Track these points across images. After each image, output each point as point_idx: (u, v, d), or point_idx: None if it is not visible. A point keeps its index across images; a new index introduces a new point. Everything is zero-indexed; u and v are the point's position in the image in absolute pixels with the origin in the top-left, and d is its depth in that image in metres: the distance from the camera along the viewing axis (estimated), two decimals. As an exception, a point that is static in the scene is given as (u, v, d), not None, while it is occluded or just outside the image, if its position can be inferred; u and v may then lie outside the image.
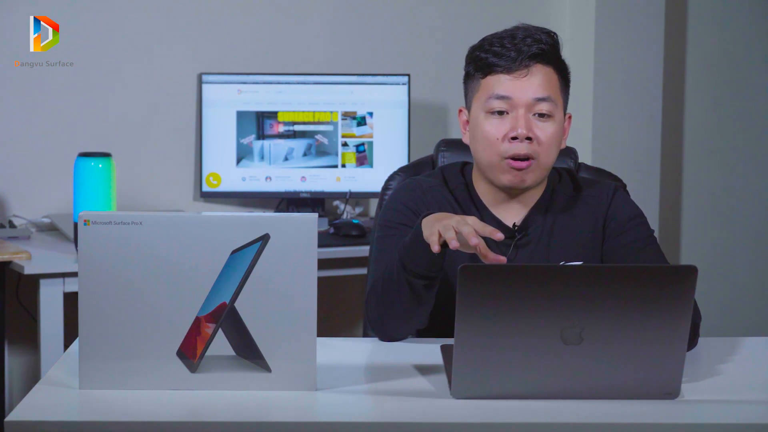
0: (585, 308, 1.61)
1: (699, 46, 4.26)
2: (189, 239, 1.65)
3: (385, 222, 2.11)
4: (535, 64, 2.04)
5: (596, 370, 1.64)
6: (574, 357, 1.63)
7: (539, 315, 1.61)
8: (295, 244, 1.65)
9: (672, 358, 1.65)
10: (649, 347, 1.63)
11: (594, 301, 1.61)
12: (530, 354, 1.63)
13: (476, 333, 1.62)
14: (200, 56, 3.59)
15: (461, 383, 1.65)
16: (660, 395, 1.67)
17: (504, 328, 1.61)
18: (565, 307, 1.61)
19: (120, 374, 1.67)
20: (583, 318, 1.61)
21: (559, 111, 2.06)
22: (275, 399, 1.65)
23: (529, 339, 1.62)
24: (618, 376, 1.65)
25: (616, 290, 1.61)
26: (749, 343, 2.04)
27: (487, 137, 2.04)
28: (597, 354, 1.63)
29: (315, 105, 3.57)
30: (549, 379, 1.64)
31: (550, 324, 1.61)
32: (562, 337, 1.62)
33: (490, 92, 2.04)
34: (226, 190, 3.55)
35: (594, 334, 1.62)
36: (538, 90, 2.03)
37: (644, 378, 1.65)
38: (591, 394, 1.66)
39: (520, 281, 1.60)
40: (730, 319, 4.36)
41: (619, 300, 1.61)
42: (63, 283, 2.98)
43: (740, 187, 4.38)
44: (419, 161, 2.44)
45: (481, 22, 3.81)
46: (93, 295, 1.66)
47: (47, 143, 3.45)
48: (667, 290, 1.61)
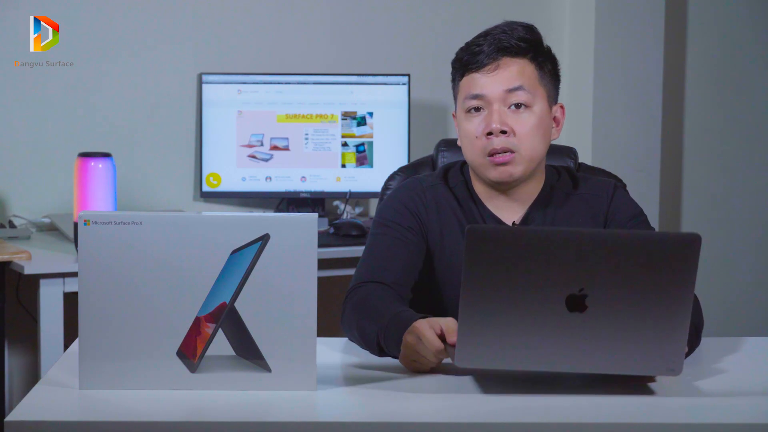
0: (590, 273, 1.62)
1: (699, 46, 4.26)
2: (189, 239, 1.65)
3: (381, 219, 2.11)
4: (502, 57, 2.04)
5: (600, 339, 1.64)
6: (579, 325, 1.63)
7: (545, 279, 1.62)
8: (295, 244, 1.65)
9: (675, 332, 1.65)
10: (652, 317, 1.64)
11: (599, 265, 1.62)
12: (535, 320, 1.63)
13: (482, 296, 1.62)
14: (200, 56, 3.59)
15: (466, 350, 1.65)
16: (663, 371, 1.67)
17: (509, 291, 1.62)
18: (571, 271, 1.61)
19: (120, 374, 1.67)
20: (588, 283, 1.62)
21: (538, 101, 2.05)
22: (275, 399, 1.65)
23: (534, 304, 1.62)
24: (621, 346, 1.65)
25: (621, 255, 1.62)
26: (749, 343, 2.04)
27: (468, 136, 2.06)
28: (601, 322, 1.63)
29: (315, 105, 3.57)
30: (553, 347, 1.64)
31: (555, 289, 1.62)
32: (566, 304, 1.63)
33: (466, 92, 2.06)
34: (226, 190, 3.55)
35: (598, 301, 1.62)
36: (508, 81, 2.03)
37: (647, 350, 1.65)
38: (594, 365, 1.66)
39: (527, 243, 1.61)
40: (730, 319, 4.36)
41: (624, 265, 1.62)
42: (63, 283, 2.98)
43: (740, 187, 4.38)
44: (419, 161, 2.44)
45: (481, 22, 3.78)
46: (93, 295, 1.66)
47: (47, 143, 3.45)
48: (670, 257, 1.62)
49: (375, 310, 1.91)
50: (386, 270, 2.03)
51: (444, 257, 2.09)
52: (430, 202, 2.10)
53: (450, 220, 2.09)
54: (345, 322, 1.98)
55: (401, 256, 2.05)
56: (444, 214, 2.10)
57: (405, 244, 2.06)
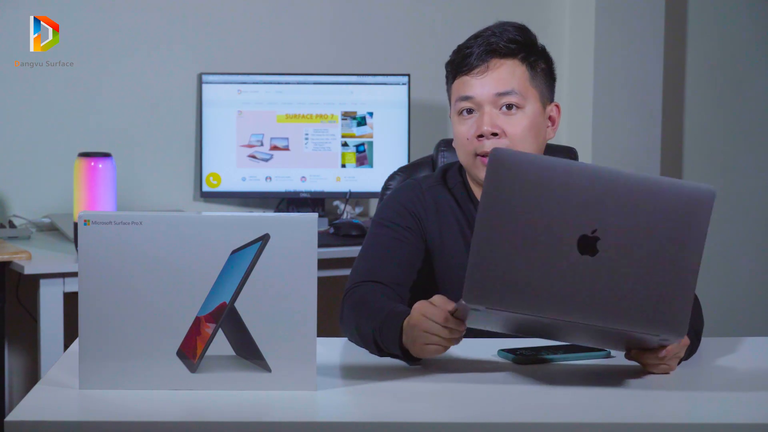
0: (605, 213, 1.63)
1: (699, 46, 4.26)
2: (189, 239, 1.65)
3: (380, 219, 2.11)
4: (491, 59, 2.04)
5: (608, 287, 1.64)
6: (588, 269, 1.63)
7: (560, 214, 1.62)
8: (295, 244, 1.65)
9: (681, 289, 1.65)
10: (661, 269, 1.64)
11: (614, 205, 1.63)
12: (545, 259, 1.63)
13: (496, 226, 1.62)
14: (200, 56, 3.59)
15: (474, 286, 1.63)
16: (667, 330, 1.66)
17: (524, 224, 1.62)
18: (586, 208, 1.62)
19: (120, 374, 1.67)
20: (601, 224, 1.62)
21: (530, 102, 2.05)
22: (275, 399, 1.65)
23: (547, 241, 1.62)
24: (628, 297, 1.64)
25: (636, 198, 1.63)
26: (749, 343, 2.04)
27: (459, 138, 2.06)
28: (610, 269, 1.63)
29: (315, 105, 3.57)
30: (561, 292, 1.63)
31: (569, 228, 1.62)
32: (578, 246, 1.63)
33: (457, 94, 2.07)
34: (226, 190, 3.55)
35: (609, 245, 1.63)
36: (498, 85, 2.03)
37: (653, 305, 1.65)
38: (600, 316, 1.65)
39: (547, 173, 1.63)
40: (730, 319, 4.36)
41: (638, 209, 1.63)
42: (63, 283, 2.98)
43: (740, 187, 4.38)
44: (419, 161, 2.44)
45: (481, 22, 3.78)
46: (93, 295, 1.66)
47: (47, 143, 3.45)
48: (683, 208, 1.63)
49: (372, 308, 1.90)
50: (384, 269, 2.03)
51: (443, 257, 2.09)
52: (429, 203, 2.10)
53: (449, 221, 2.09)
54: (344, 322, 1.98)
55: (399, 256, 2.05)
56: (443, 215, 2.10)
57: (403, 244, 2.06)
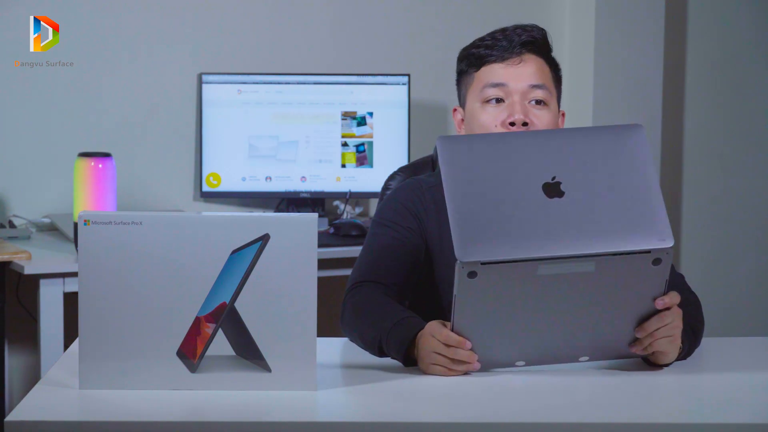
0: (559, 163, 1.70)
1: (699, 46, 4.26)
2: (189, 239, 1.65)
3: (381, 219, 2.11)
4: (526, 52, 2.05)
5: (586, 219, 1.69)
6: (562, 208, 1.69)
7: (517, 172, 1.70)
8: (295, 244, 1.65)
9: (650, 198, 1.70)
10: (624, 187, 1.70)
11: (561, 155, 1.71)
12: (520, 208, 1.68)
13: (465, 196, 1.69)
14: (200, 56, 3.59)
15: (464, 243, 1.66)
16: (655, 241, 1.68)
17: (489, 187, 1.69)
18: (541, 163, 1.70)
19: (120, 374, 1.67)
20: (558, 172, 1.70)
21: (553, 101, 2.07)
22: (275, 399, 1.65)
23: (516, 194, 1.69)
24: (606, 221, 1.69)
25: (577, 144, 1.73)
26: (749, 343, 2.04)
27: (484, 126, 2.04)
28: (581, 203, 1.69)
29: (315, 105, 3.57)
30: (545, 230, 1.67)
31: (530, 180, 1.69)
32: (545, 191, 1.68)
33: (485, 81, 2.05)
34: (226, 190, 3.55)
35: (572, 185, 1.69)
36: (533, 77, 2.04)
37: (631, 220, 1.69)
38: (588, 243, 1.67)
39: (494, 145, 1.72)
40: (730, 319, 4.36)
41: (583, 152, 1.72)
42: (63, 283, 2.98)
43: (740, 187, 4.38)
44: (419, 161, 2.44)
45: (481, 22, 3.80)
46: (93, 295, 1.66)
47: (47, 143, 3.45)
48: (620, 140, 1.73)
49: (377, 312, 1.90)
50: (385, 270, 2.02)
51: (443, 258, 2.08)
52: (430, 203, 2.10)
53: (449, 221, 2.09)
54: (345, 323, 1.98)
55: (400, 256, 2.05)
56: (443, 215, 2.09)
57: (404, 244, 2.06)
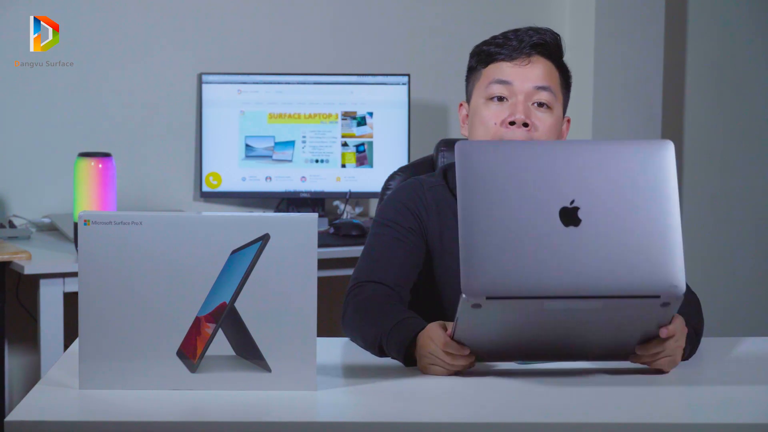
0: (578, 183, 1.66)
1: (699, 46, 4.26)
2: (189, 239, 1.65)
3: (381, 219, 2.10)
4: (535, 54, 2.05)
5: (599, 254, 1.65)
6: (576, 240, 1.64)
7: (536, 190, 1.65)
8: (295, 244, 1.65)
9: (669, 243, 1.66)
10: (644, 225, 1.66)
11: (584, 175, 1.66)
12: (533, 238, 1.64)
13: (478, 217, 1.64)
14: (200, 56, 3.59)
15: (471, 280, 1.64)
16: (666, 287, 1.65)
17: (504, 207, 1.64)
18: (559, 181, 1.65)
19: (120, 374, 1.67)
20: (578, 194, 1.65)
21: (558, 106, 2.06)
22: (275, 399, 1.65)
23: (530, 220, 1.64)
24: (620, 262, 1.65)
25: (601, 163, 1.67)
26: (749, 343, 2.04)
27: (484, 122, 2.04)
28: (597, 235, 1.65)
29: (315, 105, 3.57)
30: (555, 266, 1.64)
31: (548, 201, 1.65)
32: (561, 218, 1.64)
33: (491, 78, 2.05)
34: (226, 190, 3.55)
35: (591, 212, 1.65)
36: (539, 79, 2.04)
37: (645, 263, 1.65)
38: (596, 286, 1.65)
39: (513, 154, 1.67)
40: (730, 319, 4.36)
41: (606, 173, 1.67)
42: (63, 283, 2.98)
43: (740, 187, 4.38)
44: (419, 161, 2.44)
45: (481, 22, 3.81)
46: (93, 295, 1.66)
47: (47, 143, 3.45)
48: (647, 162, 1.69)
49: (378, 313, 1.90)
50: (386, 270, 2.02)
51: (443, 259, 2.08)
52: (431, 203, 2.10)
53: (449, 222, 2.08)
54: (346, 323, 1.98)
55: (401, 257, 2.04)
56: (444, 215, 2.09)
57: (405, 245, 2.06)
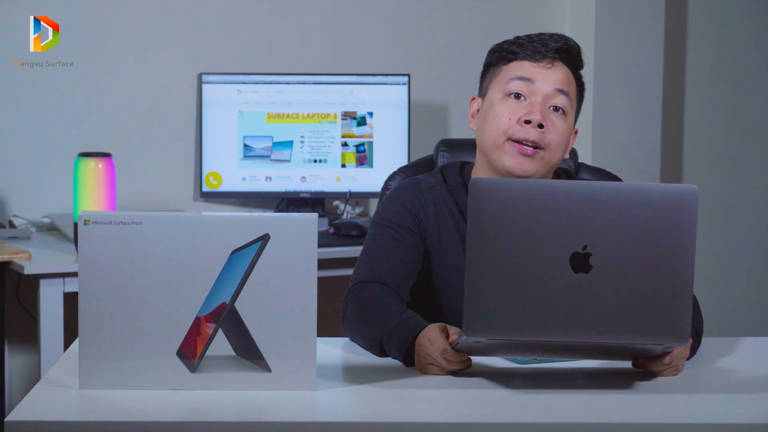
0: (592, 228, 1.62)
1: (699, 46, 4.26)
2: (189, 239, 1.65)
3: (380, 219, 2.10)
4: (558, 59, 2.05)
5: (606, 301, 1.63)
6: (584, 286, 1.62)
7: (548, 235, 1.61)
8: (295, 244, 1.65)
9: (679, 293, 1.64)
10: (656, 276, 1.63)
11: (601, 218, 1.62)
12: (540, 283, 1.62)
13: (486, 256, 1.61)
14: (200, 56, 3.59)
15: (473, 320, 1.63)
16: (670, 337, 1.65)
17: (514, 250, 1.61)
18: (574, 226, 1.61)
19: (120, 374, 1.67)
20: (591, 240, 1.62)
21: (571, 115, 2.07)
22: (275, 399, 1.65)
23: (539, 264, 1.62)
24: (627, 310, 1.63)
25: (621, 207, 1.62)
26: (749, 343, 2.04)
27: (499, 117, 2.03)
28: (606, 283, 1.63)
29: (315, 105, 3.57)
30: (560, 313, 1.63)
31: (559, 247, 1.62)
32: (571, 264, 1.62)
33: (514, 74, 2.04)
34: (226, 190, 3.55)
35: (602, 260, 1.62)
36: (560, 82, 2.04)
37: (653, 314, 1.64)
38: (601, 333, 1.64)
39: (529, 195, 1.62)
40: (730, 319, 4.36)
41: (625, 218, 1.62)
42: (63, 283, 2.98)
43: (740, 187, 4.38)
44: (419, 161, 2.44)
45: (481, 23, 3.81)
46: (93, 295, 1.66)
47: (47, 143, 3.45)
48: (669, 209, 1.63)
49: (378, 312, 1.91)
50: (385, 270, 2.02)
51: (441, 258, 2.08)
52: (429, 203, 2.10)
53: (448, 223, 2.08)
54: (346, 323, 1.98)
55: (400, 257, 2.04)
56: (442, 215, 2.09)
57: (403, 245, 2.06)
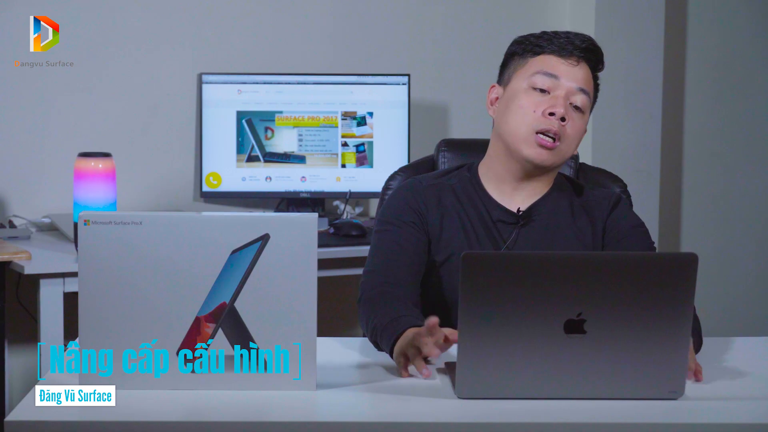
0: (588, 296, 1.61)
1: (699, 46, 4.26)
2: (189, 239, 1.65)
3: (384, 218, 2.14)
4: (583, 59, 2.10)
5: (600, 363, 1.64)
6: (578, 349, 1.63)
7: (542, 304, 1.61)
8: (295, 244, 1.65)
9: (675, 353, 1.64)
10: (652, 339, 1.63)
11: (596, 288, 1.61)
12: (534, 346, 1.63)
13: (479, 323, 1.62)
14: (200, 56, 3.59)
15: (466, 381, 1.65)
16: (665, 393, 1.67)
17: (507, 317, 1.61)
18: (568, 295, 1.61)
19: (120, 374, 1.67)
20: (586, 307, 1.62)
21: (587, 113, 2.13)
22: (275, 399, 1.65)
23: (533, 330, 1.62)
24: (622, 370, 1.65)
25: (618, 277, 1.62)
26: (749, 343, 2.04)
27: (524, 108, 2.07)
28: (600, 346, 1.63)
29: (315, 105, 3.57)
30: (553, 373, 1.64)
31: (554, 314, 1.62)
32: (565, 329, 1.62)
33: (539, 68, 2.09)
34: (226, 190, 3.55)
35: (597, 325, 1.62)
36: (583, 81, 2.10)
37: (648, 373, 1.65)
38: (595, 391, 1.66)
39: (523, 268, 1.61)
40: (730, 319, 4.36)
41: (621, 287, 1.62)
42: (63, 283, 2.98)
43: (740, 187, 4.38)
44: (419, 161, 2.44)
45: (481, 23, 3.81)
46: (93, 295, 1.66)
47: (47, 143, 3.45)
48: (668, 278, 1.62)
49: (381, 308, 1.95)
50: (393, 270, 2.05)
51: (444, 252, 2.12)
52: (430, 197, 2.14)
53: (449, 213, 2.13)
54: (359, 316, 2.03)
55: (407, 254, 2.08)
56: (444, 206, 2.14)
57: (409, 242, 2.10)
